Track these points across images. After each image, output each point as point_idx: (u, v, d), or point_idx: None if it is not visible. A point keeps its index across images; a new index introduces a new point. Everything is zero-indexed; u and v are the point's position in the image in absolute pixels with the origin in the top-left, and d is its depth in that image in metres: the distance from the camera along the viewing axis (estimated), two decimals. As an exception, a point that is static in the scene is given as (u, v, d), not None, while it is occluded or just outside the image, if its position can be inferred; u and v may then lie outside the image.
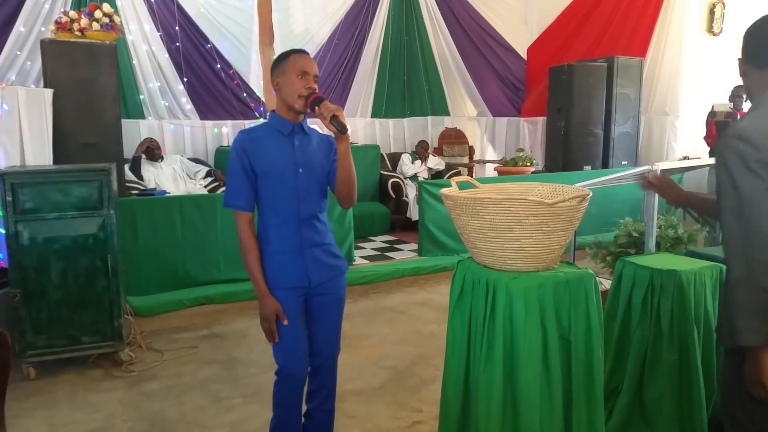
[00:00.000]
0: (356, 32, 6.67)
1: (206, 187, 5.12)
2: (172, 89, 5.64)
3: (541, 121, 6.96)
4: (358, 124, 6.78)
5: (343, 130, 1.68)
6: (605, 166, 6.04)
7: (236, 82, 5.91)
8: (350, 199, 1.85)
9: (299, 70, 1.74)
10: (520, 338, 1.54)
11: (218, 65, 5.82)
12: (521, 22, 7.22)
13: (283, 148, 1.78)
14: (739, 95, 5.49)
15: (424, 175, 6.32)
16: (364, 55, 6.77)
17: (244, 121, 5.87)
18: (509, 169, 5.95)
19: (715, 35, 6.20)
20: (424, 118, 7.35)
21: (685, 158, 5.72)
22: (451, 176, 6.09)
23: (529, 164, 5.95)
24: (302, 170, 1.79)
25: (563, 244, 1.61)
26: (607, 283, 2.41)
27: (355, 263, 4.52)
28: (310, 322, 1.88)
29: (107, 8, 3.99)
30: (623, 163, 6.12)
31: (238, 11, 5.86)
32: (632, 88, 6.05)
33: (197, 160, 5.55)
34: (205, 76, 5.79)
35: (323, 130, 2.08)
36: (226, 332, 3.53)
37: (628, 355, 2.10)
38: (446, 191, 1.68)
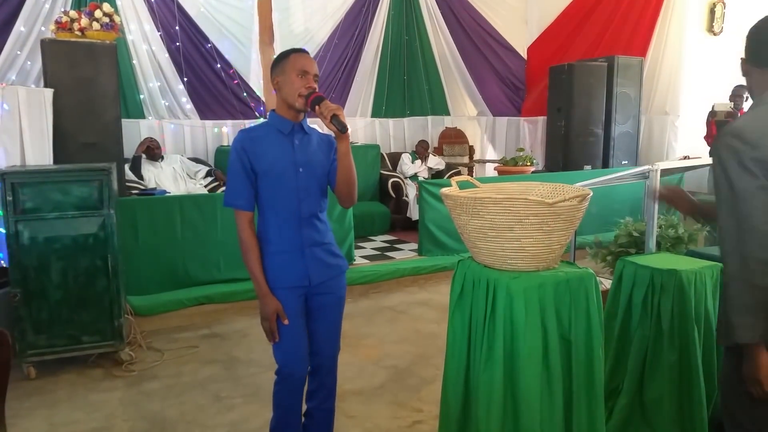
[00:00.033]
0: (356, 32, 6.67)
1: (206, 186, 5.12)
2: (172, 89, 5.64)
3: (541, 120, 6.95)
4: (358, 123, 6.78)
5: (343, 129, 1.68)
6: (605, 165, 6.04)
7: (236, 81, 5.91)
8: (350, 198, 1.85)
9: (299, 69, 1.74)
10: (520, 338, 1.54)
11: (218, 65, 5.82)
12: (521, 21, 7.22)
13: (283, 147, 1.78)
14: (739, 95, 5.49)
15: (424, 174, 6.32)
16: (364, 54, 6.77)
17: (244, 120, 5.87)
18: (509, 168, 5.95)
19: (715, 35, 6.20)
20: (424, 117, 7.35)
21: (685, 158, 5.73)
22: (451, 176, 6.09)
23: (529, 164, 5.95)
24: (302, 170, 1.78)
25: (563, 243, 1.61)
26: (607, 282, 2.41)
27: (355, 263, 4.52)
28: (310, 321, 1.88)
29: (107, 8, 3.99)
30: (623, 162, 6.12)
31: (238, 11, 5.86)
32: (632, 87, 6.05)
33: (197, 159, 5.56)
34: (205, 75, 5.79)
35: (323, 129, 2.08)
36: (226, 332, 3.53)
37: (628, 354, 2.10)
38: (447, 191, 1.68)
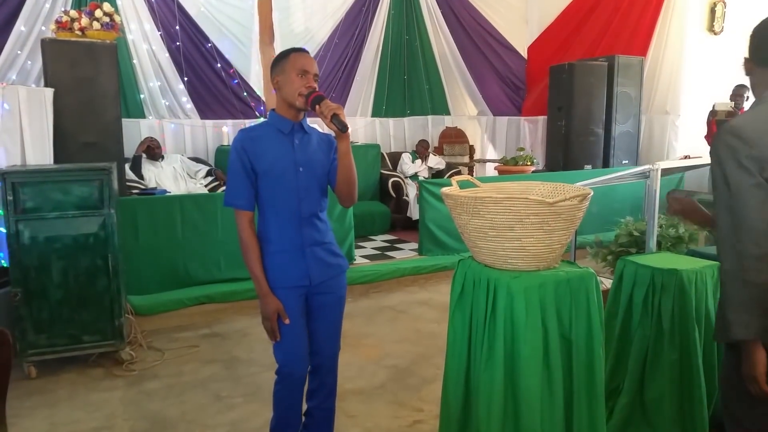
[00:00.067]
0: (356, 31, 6.67)
1: (207, 186, 5.12)
2: (172, 88, 5.64)
3: (541, 120, 6.95)
4: (358, 123, 6.78)
5: (343, 128, 1.68)
6: (606, 165, 6.03)
7: (237, 81, 5.91)
8: (351, 198, 1.85)
9: (299, 68, 1.74)
10: (520, 337, 1.54)
11: (218, 64, 5.82)
12: (522, 21, 7.21)
13: (283, 147, 1.78)
14: (740, 94, 5.48)
15: (424, 174, 6.32)
16: (364, 54, 6.76)
17: (244, 120, 5.87)
18: (510, 168, 5.95)
19: (716, 34, 6.19)
20: (424, 117, 7.35)
21: (686, 157, 5.72)
22: (451, 175, 6.09)
23: (529, 163, 5.95)
24: (302, 169, 1.78)
25: (564, 243, 1.61)
26: (608, 282, 2.41)
27: (355, 262, 4.52)
28: (310, 320, 1.88)
29: (107, 7, 3.99)
30: (624, 162, 6.12)
31: (238, 10, 5.86)
32: (633, 87, 6.05)
33: (198, 159, 5.56)
34: (205, 75, 5.79)
35: (323, 129, 2.08)
36: (226, 331, 3.53)
37: (629, 354, 2.10)
38: (447, 190, 1.68)
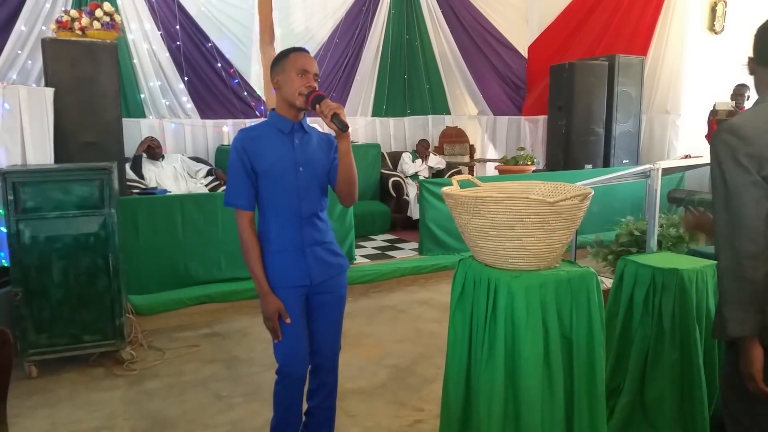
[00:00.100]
0: (357, 31, 6.66)
1: (207, 186, 5.12)
2: (172, 88, 5.64)
3: (542, 119, 6.95)
4: (358, 122, 6.78)
5: (344, 128, 1.68)
6: (606, 164, 6.03)
7: (237, 81, 5.91)
8: (351, 197, 1.85)
9: (299, 68, 1.73)
10: (521, 337, 1.54)
11: (219, 64, 5.82)
12: (522, 20, 7.21)
13: (283, 146, 1.78)
14: (740, 93, 5.47)
15: (424, 174, 6.32)
16: (364, 53, 6.76)
17: (245, 120, 5.87)
18: (510, 167, 5.95)
19: (716, 33, 6.18)
20: (424, 116, 7.35)
21: (686, 157, 5.72)
22: (451, 175, 6.09)
23: (530, 163, 5.94)
24: (303, 169, 1.78)
25: (565, 242, 1.61)
26: (608, 281, 2.41)
27: (355, 262, 4.52)
28: (311, 320, 1.88)
29: (108, 7, 3.99)
30: (624, 161, 6.12)
31: (238, 10, 5.86)
32: (633, 86, 6.04)
33: (198, 159, 5.56)
34: (205, 75, 5.79)
35: (324, 128, 2.08)
36: (227, 331, 3.53)
37: (629, 354, 2.10)
38: (448, 190, 1.68)
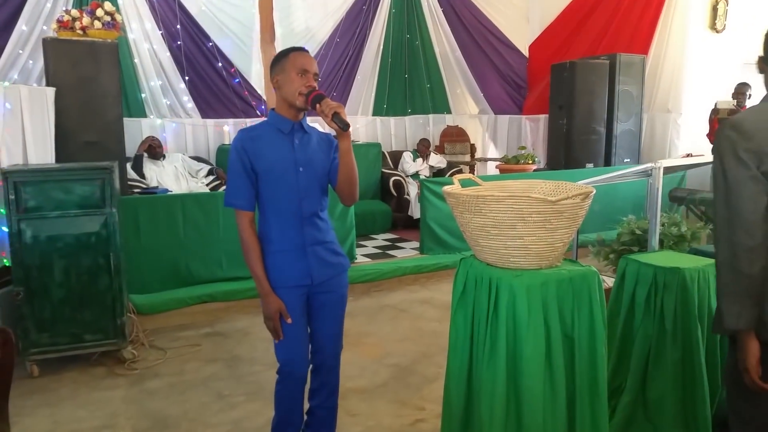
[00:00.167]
0: (357, 30, 6.66)
1: (208, 185, 5.12)
2: (173, 88, 5.64)
3: (543, 118, 6.94)
4: (359, 122, 6.77)
5: (344, 127, 1.68)
6: (607, 163, 6.02)
7: (238, 80, 5.91)
8: (352, 196, 1.85)
9: (299, 68, 1.73)
10: (523, 336, 1.54)
11: (219, 63, 5.82)
12: (523, 19, 7.20)
13: (283, 146, 1.78)
14: (742, 92, 5.46)
15: (425, 173, 6.32)
16: (365, 53, 6.76)
17: (245, 119, 5.87)
18: (511, 167, 5.94)
19: (717, 32, 6.17)
20: (425, 116, 7.35)
21: (688, 155, 5.70)
22: (452, 174, 6.09)
23: (531, 162, 5.94)
24: (303, 169, 1.78)
25: (566, 241, 1.60)
26: (610, 281, 2.40)
27: (356, 261, 4.52)
28: (312, 320, 1.88)
29: (109, 6, 3.99)
30: (626, 160, 6.11)
31: (239, 9, 5.86)
32: (634, 85, 6.03)
33: (199, 158, 5.56)
34: (206, 74, 5.79)
35: (324, 128, 2.08)
36: (228, 330, 3.53)
37: (631, 353, 2.10)
38: (449, 189, 1.68)
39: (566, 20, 6.88)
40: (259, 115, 5.93)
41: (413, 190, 5.91)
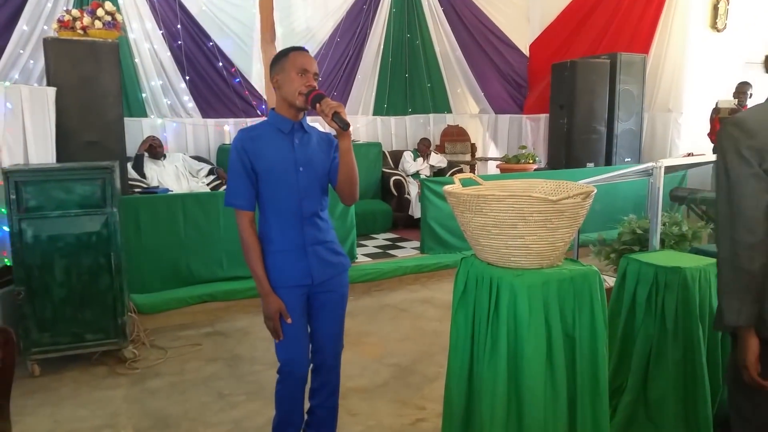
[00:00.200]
0: (358, 30, 6.66)
1: (209, 185, 5.12)
2: (174, 87, 5.64)
3: (543, 118, 6.94)
4: (359, 121, 6.78)
5: (345, 126, 1.68)
6: (608, 163, 6.02)
7: (238, 80, 5.92)
8: (352, 196, 1.84)
9: (299, 67, 1.73)
10: (524, 336, 1.53)
11: (220, 63, 5.82)
12: (524, 18, 7.19)
13: (283, 146, 1.78)
14: (743, 91, 5.46)
15: (426, 172, 6.31)
16: (365, 52, 6.76)
17: (246, 119, 5.88)
18: (512, 166, 5.94)
19: (719, 31, 6.16)
20: (426, 115, 7.35)
21: (689, 155, 5.70)
22: (453, 174, 6.08)
23: (531, 161, 5.94)
24: (303, 169, 1.78)
25: (567, 241, 1.60)
26: (611, 280, 2.40)
27: (357, 261, 4.51)
28: (312, 319, 1.88)
29: (109, 6, 4.00)
30: (626, 160, 6.11)
31: (239, 9, 5.86)
32: (635, 84, 6.03)
33: (199, 158, 5.56)
34: (207, 74, 5.79)
35: (325, 128, 2.08)
36: (229, 330, 3.54)
37: (632, 352, 2.09)
38: (450, 188, 1.68)
39: (567, 19, 6.88)
40: (259, 114, 5.93)
41: (414, 189, 5.91)
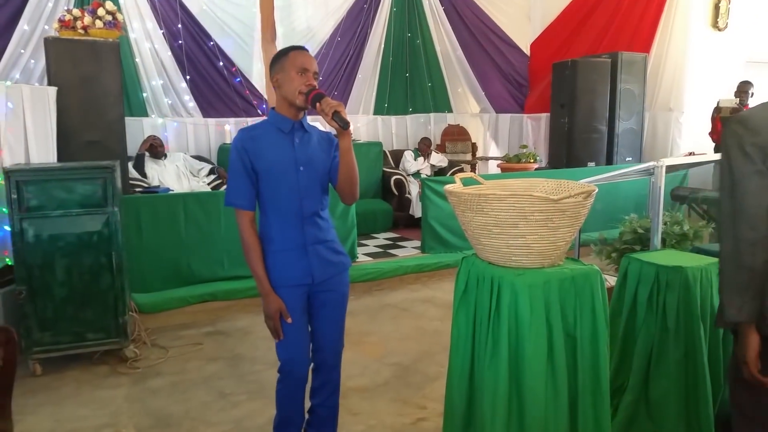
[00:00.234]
0: (358, 29, 6.65)
1: (209, 184, 5.12)
2: (174, 87, 5.64)
3: (544, 117, 6.93)
4: (360, 121, 6.77)
5: (345, 126, 1.68)
6: (609, 162, 6.02)
7: (239, 79, 5.92)
8: (352, 195, 1.84)
9: (299, 67, 1.73)
10: (525, 335, 1.53)
11: (221, 63, 5.82)
12: (524, 17, 7.19)
13: (283, 146, 1.78)
14: (744, 91, 5.44)
15: (426, 172, 6.31)
16: (366, 52, 6.75)
17: (246, 118, 5.88)
18: (512, 165, 5.94)
19: (720, 30, 6.15)
20: (426, 114, 7.34)
21: (690, 154, 5.69)
22: (454, 173, 6.08)
23: (532, 161, 5.93)
24: (303, 168, 1.78)
25: (568, 240, 1.60)
26: (612, 279, 2.40)
27: (358, 260, 4.52)
28: (313, 318, 1.88)
29: (110, 6, 4.00)
30: (627, 159, 6.10)
31: (240, 8, 5.86)
32: (636, 83, 6.02)
33: (200, 157, 5.56)
34: (207, 73, 5.79)
35: (325, 127, 2.08)
36: (230, 329, 3.54)
37: (633, 352, 2.09)
38: (451, 187, 1.68)
39: (568, 18, 6.87)
40: (260, 114, 5.93)
41: (414, 189, 5.91)
